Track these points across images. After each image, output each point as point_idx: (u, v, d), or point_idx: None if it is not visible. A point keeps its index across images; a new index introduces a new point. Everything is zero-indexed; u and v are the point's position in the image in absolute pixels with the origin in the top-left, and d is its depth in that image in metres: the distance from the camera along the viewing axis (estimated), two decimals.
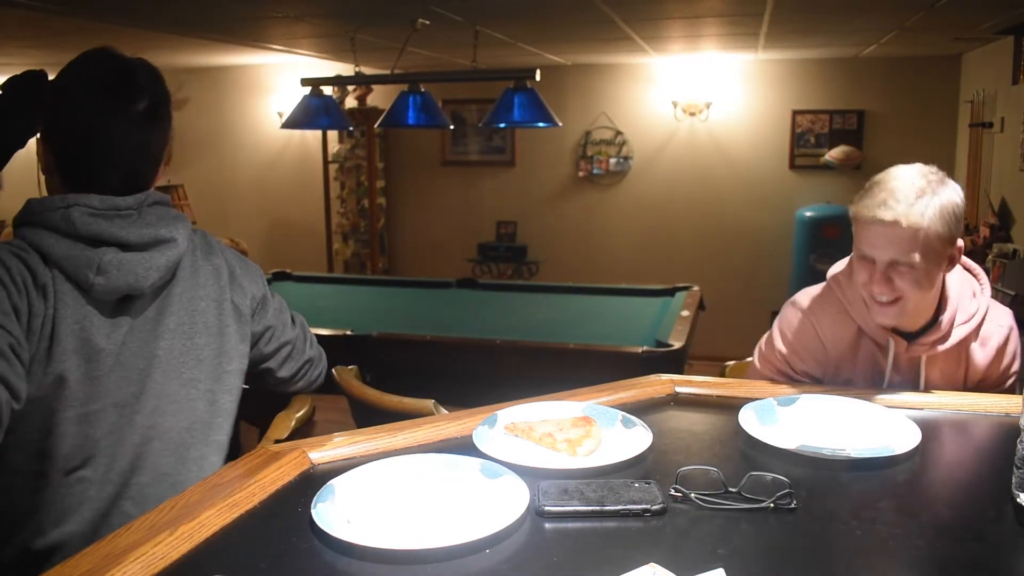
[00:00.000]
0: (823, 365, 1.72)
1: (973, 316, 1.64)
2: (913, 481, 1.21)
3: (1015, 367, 1.71)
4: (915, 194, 1.49)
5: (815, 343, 1.71)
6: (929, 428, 1.35)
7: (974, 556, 0.98)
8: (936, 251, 1.50)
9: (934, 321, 1.63)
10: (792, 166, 5.98)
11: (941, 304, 1.63)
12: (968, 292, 1.66)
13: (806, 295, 1.76)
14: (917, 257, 1.49)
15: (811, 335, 1.71)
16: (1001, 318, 1.70)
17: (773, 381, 1.71)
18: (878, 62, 5.70)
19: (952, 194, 1.52)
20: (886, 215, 1.48)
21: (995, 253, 4.07)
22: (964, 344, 1.64)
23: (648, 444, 1.26)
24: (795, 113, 5.90)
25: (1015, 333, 1.70)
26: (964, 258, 1.69)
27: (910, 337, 1.63)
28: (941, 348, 1.62)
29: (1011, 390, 1.70)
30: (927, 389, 1.63)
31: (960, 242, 1.56)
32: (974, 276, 1.71)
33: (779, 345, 1.75)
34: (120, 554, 0.96)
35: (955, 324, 1.62)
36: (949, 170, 5.75)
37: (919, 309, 1.60)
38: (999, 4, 3.54)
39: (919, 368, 1.66)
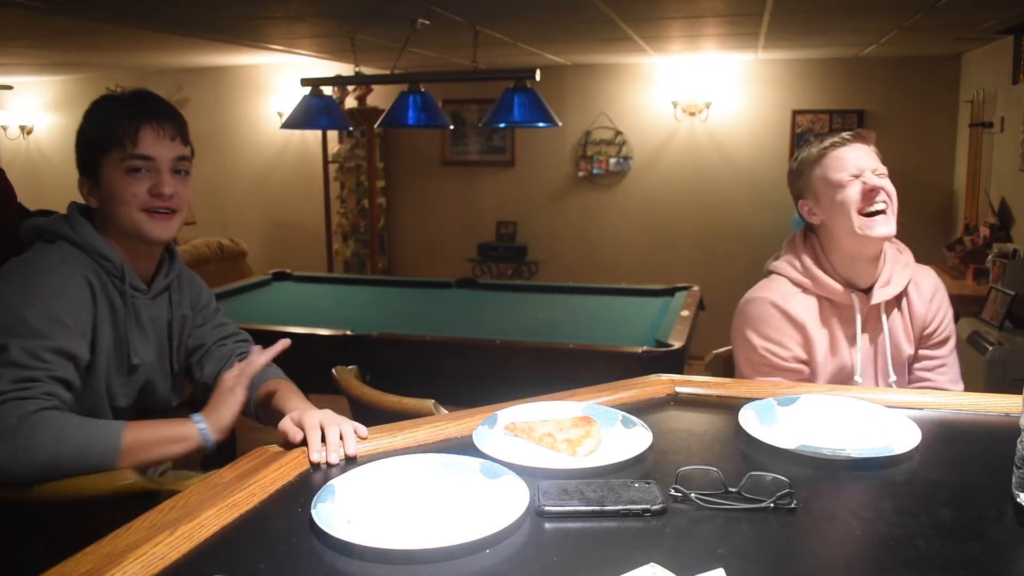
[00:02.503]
0: (803, 344, 1.80)
1: (907, 265, 1.86)
2: (913, 481, 1.21)
3: (949, 316, 1.89)
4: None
5: (788, 324, 1.79)
6: (929, 428, 1.35)
7: (974, 556, 0.98)
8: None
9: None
10: None
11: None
12: (891, 248, 1.87)
13: (757, 292, 1.88)
14: (882, 166, 1.77)
15: (782, 318, 1.80)
16: (925, 269, 1.91)
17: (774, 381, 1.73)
18: (878, 62, 5.70)
19: None
20: (848, 136, 1.78)
21: (995, 253, 4.06)
22: (905, 289, 1.84)
23: (648, 444, 1.27)
24: (795, 113, 5.91)
25: (942, 283, 1.91)
26: None
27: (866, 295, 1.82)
28: (891, 292, 1.80)
29: (946, 342, 1.87)
30: (893, 338, 1.82)
31: None
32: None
33: (757, 342, 1.80)
34: (120, 554, 0.96)
35: (894, 271, 1.82)
36: (949, 170, 5.77)
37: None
38: (999, 4, 3.54)
39: (879, 318, 1.82)
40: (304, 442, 1.27)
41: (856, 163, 1.75)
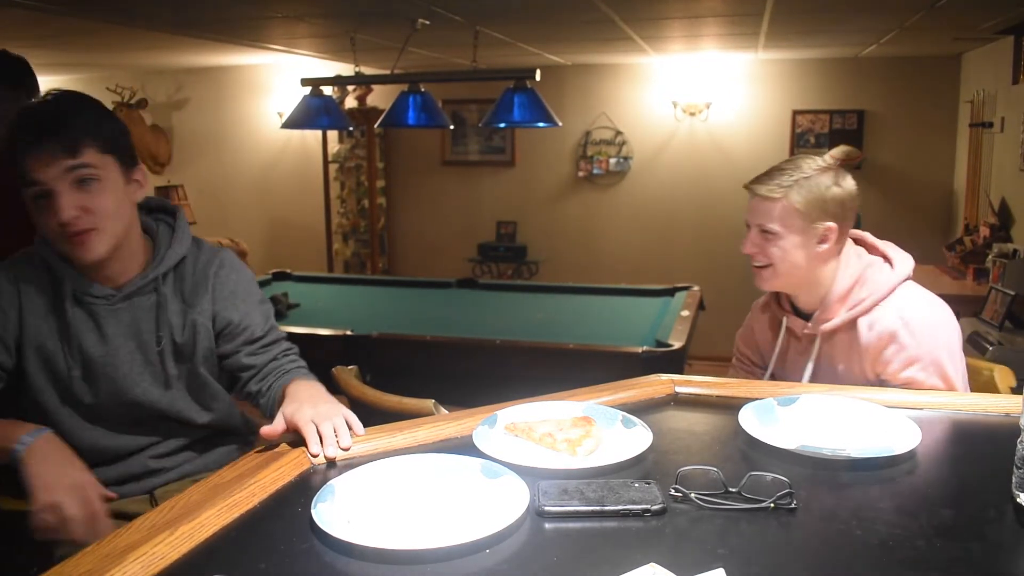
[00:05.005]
0: (753, 349, 1.97)
1: (862, 301, 1.71)
2: (913, 481, 1.21)
3: (903, 366, 1.66)
4: (787, 173, 1.70)
5: (748, 330, 1.99)
6: (929, 428, 1.35)
7: (974, 556, 0.98)
8: (796, 225, 1.68)
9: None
10: None
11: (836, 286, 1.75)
12: (872, 279, 1.72)
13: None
14: (777, 226, 1.70)
15: (747, 324, 2.00)
16: (896, 311, 1.67)
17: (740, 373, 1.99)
18: (878, 62, 5.69)
19: (827, 182, 1.68)
20: (757, 188, 1.74)
21: (995, 253, 4.06)
22: (853, 326, 1.72)
23: (648, 444, 1.27)
24: (795, 113, 5.90)
25: (908, 334, 1.65)
26: (893, 250, 1.77)
27: (808, 319, 1.79)
28: (826, 327, 1.73)
29: (906, 386, 1.64)
30: (816, 366, 1.77)
31: (832, 225, 1.68)
32: (889, 263, 1.76)
33: (737, 340, 2.03)
34: (120, 554, 0.96)
35: (844, 307, 1.73)
36: (949, 170, 5.75)
37: (799, 282, 1.75)
38: (999, 4, 3.54)
39: (829, 343, 1.76)
40: (282, 441, 1.29)
41: (748, 217, 1.79)
